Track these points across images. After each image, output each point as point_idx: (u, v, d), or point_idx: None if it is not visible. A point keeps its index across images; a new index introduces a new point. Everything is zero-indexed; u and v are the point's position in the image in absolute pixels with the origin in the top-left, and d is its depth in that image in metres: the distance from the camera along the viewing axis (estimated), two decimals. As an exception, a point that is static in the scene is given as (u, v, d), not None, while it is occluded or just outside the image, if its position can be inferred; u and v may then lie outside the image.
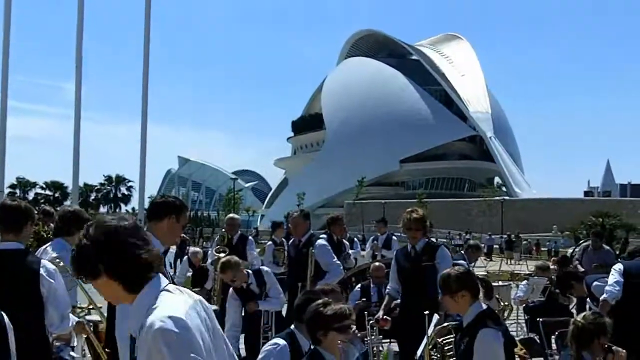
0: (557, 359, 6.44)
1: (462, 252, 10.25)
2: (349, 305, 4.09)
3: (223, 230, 9.27)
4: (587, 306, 7.07)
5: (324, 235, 8.27)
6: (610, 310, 5.96)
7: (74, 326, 4.17)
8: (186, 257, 9.80)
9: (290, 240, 7.95)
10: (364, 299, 8.56)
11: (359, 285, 9.05)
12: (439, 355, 4.28)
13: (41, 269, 3.89)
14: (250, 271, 6.85)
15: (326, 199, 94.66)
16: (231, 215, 10.17)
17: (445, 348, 4.28)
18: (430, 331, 4.82)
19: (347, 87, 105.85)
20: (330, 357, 3.75)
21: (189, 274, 10.60)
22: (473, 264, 14.58)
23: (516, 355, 4.67)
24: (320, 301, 3.87)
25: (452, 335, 4.31)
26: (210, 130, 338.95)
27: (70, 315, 4.22)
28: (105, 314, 4.02)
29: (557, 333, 6.42)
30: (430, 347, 4.34)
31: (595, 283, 6.53)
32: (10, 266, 3.87)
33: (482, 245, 20.93)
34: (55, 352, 4.55)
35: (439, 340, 4.33)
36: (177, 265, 15.88)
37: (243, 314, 7.05)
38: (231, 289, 6.87)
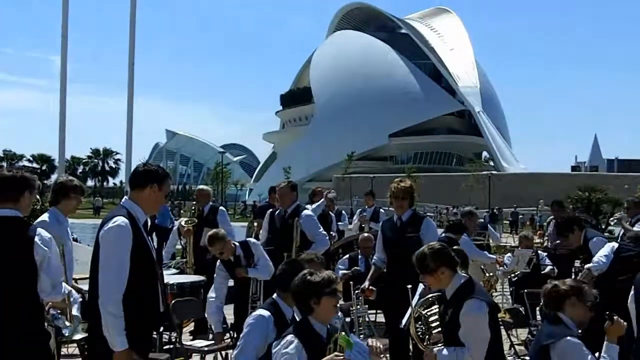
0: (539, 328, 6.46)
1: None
2: (331, 272, 4.11)
3: (194, 202, 9.21)
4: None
5: (309, 207, 8.32)
6: (596, 283, 6.00)
7: (65, 295, 4.21)
8: (175, 228, 9.73)
9: (277, 212, 7.95)
10: (356, 268, 8.61)
11: (346, 256, 9.11)
12: (424, 328, 4.29)
13: (36, 236, 3.89)
14: (237, 243, 6.86)
15: (314, 173, 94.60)
16: (200, 186, 10.07)
17: (430, 319, 4.28)
18: (414, 303, 4.84)
19: (336, 61, 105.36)
20: (320, 325, 3.76)
21: (179, 246, 10.56)
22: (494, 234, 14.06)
23: (501, 320, 4.70)
24: (305, 271, 3.91)
25: (436, 307, 4.31)
26: (199, 103, 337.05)
27: (63, 284, 4.26)
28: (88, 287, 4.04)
29: (541, 304, 6.45)
30: (414, 319, 4.34)
31: (595, 239, 6.57)
32: (5, 232, 3.88)
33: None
34: (50, 319, 4.63)
35: (423, 312, 4.33)
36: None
37: (232, 283, 7.10)
38: (219, 260, 6.90)
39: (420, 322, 4.31)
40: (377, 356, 3.70)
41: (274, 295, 4.43)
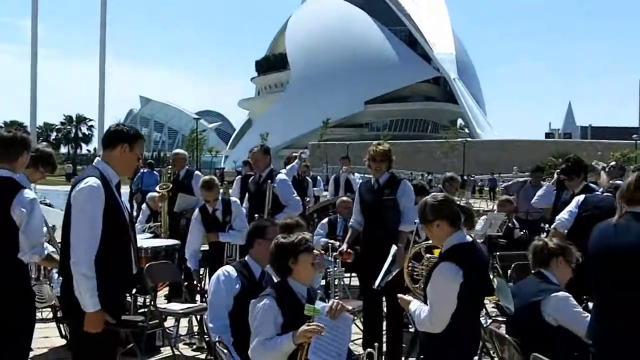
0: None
1: (440, 186, 10.12)
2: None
3: (169, 167, 9.17)
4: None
5: (284, 171, 8.33)
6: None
7: (45, 256, 4.21)
8: (145, 204, 9.60)
9: (251, 177, 7.93)
10: (331, 234, 8.67)
11: (326, 219, 9.12)
12: (424, 267, 4.12)
13: (17, 196, 3.91)
14: (220, 198, 6.96)
15: (290, 140, 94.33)
16: (176, 150, 10.03)
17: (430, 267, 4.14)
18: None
19: (312, 27, 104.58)
20: (300, 286, 3.75)
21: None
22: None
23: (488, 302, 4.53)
24: (278, 236, 3.90)
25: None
26: (174, 70, 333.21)
27: (46, 245, 4.30)
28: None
29: (512, 266, 6.50)
30: (413, 259, 4.19)
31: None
32: None
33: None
34: (50, 278, 4.85)
35: (428, 256, 4.18)
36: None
37: (207, 247, 7.14)
38: (197, 212, 7.01)
39: (420, 263, 4.17)
40: (337, 312, 3.67)
41: (246, 257, 4.44)
